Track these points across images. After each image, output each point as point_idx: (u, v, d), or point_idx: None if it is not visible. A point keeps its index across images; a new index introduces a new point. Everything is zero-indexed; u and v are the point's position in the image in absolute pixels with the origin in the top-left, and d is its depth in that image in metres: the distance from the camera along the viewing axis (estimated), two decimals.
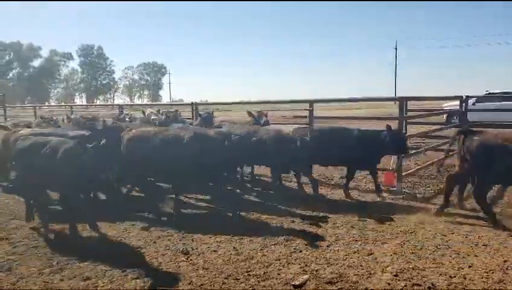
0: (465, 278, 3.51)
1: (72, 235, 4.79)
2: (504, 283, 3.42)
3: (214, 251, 4.28)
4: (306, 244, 4.38)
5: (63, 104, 65.22)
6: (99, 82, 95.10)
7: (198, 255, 4.19)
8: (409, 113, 9.06)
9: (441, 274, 3.60)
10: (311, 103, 8.17)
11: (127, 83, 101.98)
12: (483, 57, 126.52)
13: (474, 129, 5.47)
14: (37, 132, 5.89)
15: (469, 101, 11.40)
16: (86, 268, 3.93)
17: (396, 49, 65.77)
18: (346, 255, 4.07)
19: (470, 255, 4.00)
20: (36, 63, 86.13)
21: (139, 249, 4.40)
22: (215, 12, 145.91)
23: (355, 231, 4.79)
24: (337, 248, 4.27)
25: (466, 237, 4.48)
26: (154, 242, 4.57)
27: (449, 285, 3.41)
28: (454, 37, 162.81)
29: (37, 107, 18.68)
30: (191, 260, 4.07)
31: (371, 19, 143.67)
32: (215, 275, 3.73)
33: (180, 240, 4.61)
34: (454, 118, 13.87)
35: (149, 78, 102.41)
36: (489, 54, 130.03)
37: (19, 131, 6.17)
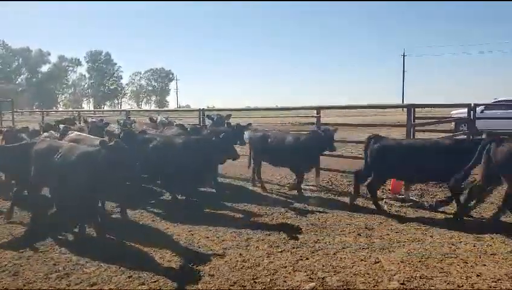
0: (473, 287, 3.48)
1: (78, 240, 4.82)
2: None
3: (220, 257, 4.28)
4: (312, 252, 4.36)
5: (70, 109, 65.88)
6: (106, 88, 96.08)
7: (205, 261, 4.18)
8: (417, 121, 9.05)
9: (448, 283, 3.56)
10: (319, 109, 8.18)
11: (134, 88, 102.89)
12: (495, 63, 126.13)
13: (503, 137, 5.42)
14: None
15: (477, 109, 11.33)
16: (92, 273, 3.94)
17: (404, 56, 65.69)
18: (353, 263, 4.05)
19: (477, 264, 3.96)
20: (44, 68, 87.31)
21: (145, 255, 4.41)
22: (223, 19, 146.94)
23: (362, 238, 4.76)
24: (344, 256, 4.24)
25: (474, 246, 4.44)
26: (160, 248, 4.57)
27: None
28: (464, 44, 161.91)
29: (45, 113, 18.88)
30: (197, 266, 4.07)
31: (380, 27, 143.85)
32: (221, 282, 3.73)
33: (186, 246, 4.61)
34: (463, 125, 13.78)
35: (156, 84, 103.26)
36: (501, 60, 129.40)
37: None
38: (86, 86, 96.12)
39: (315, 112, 8.18)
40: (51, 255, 4.45)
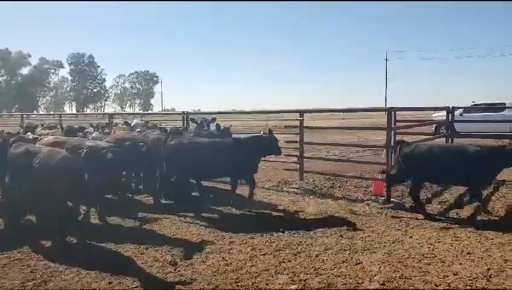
0: (449, 286, 3.56)
1: (57, 246, 4.73)
2: None
3: (203, 261, 4.27)
4: (295, 254, 4.39)
5: (52, 112, 64.63)
6: (89, 90, 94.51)
7: (187, 266, 4.16)
8: (398, 124, 9.23)
9: (426, 282, 3.64)
10: (302, 113, 8.25)
11: (118, 91, 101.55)
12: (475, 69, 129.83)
13: None
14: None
15: (457, 112, 11.61)
16: (71, 280, 3.87)
17: (386, 60, 66.81)
18: (334, 265, 4.09)
19: (454, 263, 4.06)
20: (25, 70, 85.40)
21: (126, 260, 4.36)
22: (208, 22, 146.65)
23: (344, 240, 4.81)
24: (326, 258, 4.28)
25: (451, 246, 4.54)
26: (142, 253, 4.53)
27: None
28: (446, 49, 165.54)
29: (25, 116, 18.48)
30: (179, 271, 4.05)
31: (363, 31, 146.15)
32: (203, 286, 3.71)
33: (168, 251, 4.58)
34: (443, 128, 14.10)
35: (141, 87, 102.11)
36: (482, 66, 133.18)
37: None
38: (68, 88, 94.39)
39: (298, 115, 8.25)
40: (28, 262, 4.35)
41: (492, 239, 4.71)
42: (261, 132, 6.93)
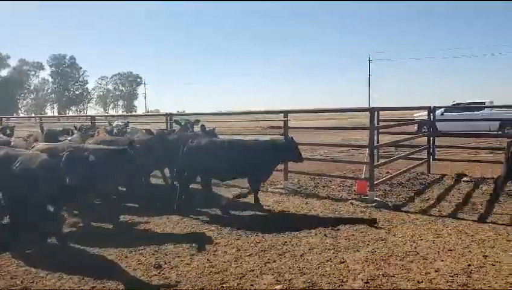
0: (431, 283, 3.63)
1: (38, 251, 4.64)
2: (468, 286, 3.55)
3: (187, 264, 4.24)
4: (280, 255, 4.40)
5: (33, 115, 63.23)
6: (71, 92, 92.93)
7: (171, 268, 4.13)
8: (381, 123, 9.37)
9: (409, 280, 3.70)
10: (286, 113, 8.28)
11: (101, 93, 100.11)
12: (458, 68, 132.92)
13: None
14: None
15: (438, 111, 11.86)
16: (52, 286, 3.80)
17: (370, 61, 67.68)
18: (319, 264, 4.12)
19: (436, 260, 4.14)
20: (4, 72, 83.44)
21: (109, 264, 4.30)
22: (190, 21, 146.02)
23: (328, 239, 4.85)
24: (310, 257, 4.31)
25: (433, 243, 4.63)
26: (126, 257, 4.47)
27: None
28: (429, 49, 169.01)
29: (4, 119, 18.01)
30: (163, 274, 4.01)
31: (346, 32, 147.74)
32: (188, 288, 3.69)
33: (152, 254, 4.53)
34: (424, 127, 14.38)
35: (124, 89, 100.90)
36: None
37: None
38: (49, 90, 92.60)
39: (282, 115, 8.27)
40: (8, 268, 4.24)
41: (472, 236, 4.83)
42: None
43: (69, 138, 7.54)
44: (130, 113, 67.80)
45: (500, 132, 15.40)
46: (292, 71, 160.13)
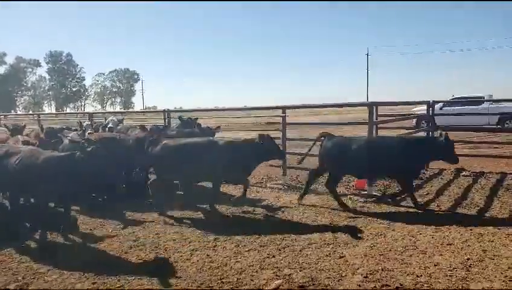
0: (430, 277, 3.64)
1: (39, 247, 4.64)
2: (467, 280, 3.57)
3: (187, 259, 4.25)
4: (279, 249, 4.42)
5: (30, 112, 63.06)
6: (69, 89, 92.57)
7: (171, 264, 4.14)
8: (380, 118, 9.37)
9: (408, 274, 3.72)
10: (284, 109, 8.27)
11: (98, 90, 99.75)
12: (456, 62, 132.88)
13: None
14: None
15: (437, 106, 11.85)
16: (53, 282, 3.81)
17: (368, 55, 67.63)
18: (318, 259, 4.13)
19: (435, 254, 4.15)
20: (1, 70, 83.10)
21: (110, 259, 4.31)
22: (187, 18, 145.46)
23: (327, 234, 4.86)
24: (309, 252, 4.32)
25: (432, 237, 4.64)
26: (126, 253, 4.48)
27: (416, 284, 3.53)
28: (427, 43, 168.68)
29: (2, 116, 17.98)
30: (163, 269, 4.02)
31: (344, 26, 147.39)
32: (188, 283, 3.70)
33: (152, 250, 4.54)
34: (423, 122, 14.39)
35: (121, 85, 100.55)
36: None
37: None
38: (46, 88, 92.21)
39: (280, 111, 8.27)
40: (10, 264, 4.26)
41: (471, 230, 4.84)
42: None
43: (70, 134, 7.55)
44: (127, 110, 67.58)
45: (499, 126, 15.43)
46: (291, 69, 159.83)
